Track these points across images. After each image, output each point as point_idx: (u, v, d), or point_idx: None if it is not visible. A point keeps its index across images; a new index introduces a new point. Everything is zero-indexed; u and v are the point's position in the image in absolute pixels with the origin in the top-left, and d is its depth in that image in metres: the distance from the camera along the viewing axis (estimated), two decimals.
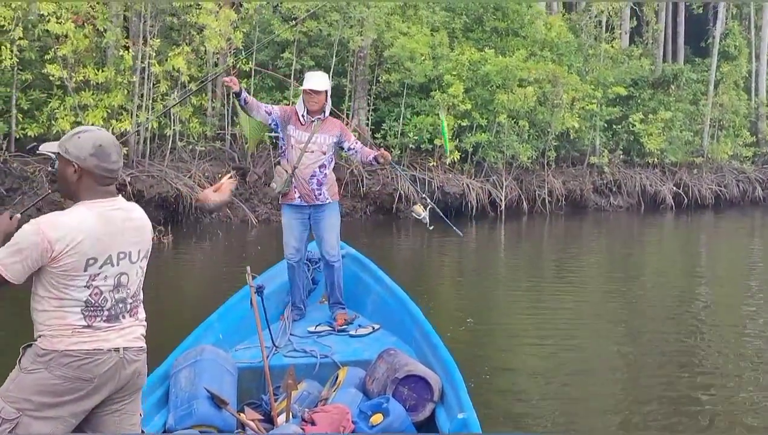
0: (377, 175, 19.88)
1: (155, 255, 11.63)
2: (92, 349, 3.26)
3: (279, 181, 6.45)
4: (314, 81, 6.41)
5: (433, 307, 9.98)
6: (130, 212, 3.41)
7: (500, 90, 21.08)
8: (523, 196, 22.18)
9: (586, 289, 11.91)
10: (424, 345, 5.55)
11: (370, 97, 21.10)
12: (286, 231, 6.60)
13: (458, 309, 10.15)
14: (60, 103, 16.25)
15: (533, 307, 10.34)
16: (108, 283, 3.28)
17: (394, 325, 6.20)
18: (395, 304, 6.37)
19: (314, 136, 6.42)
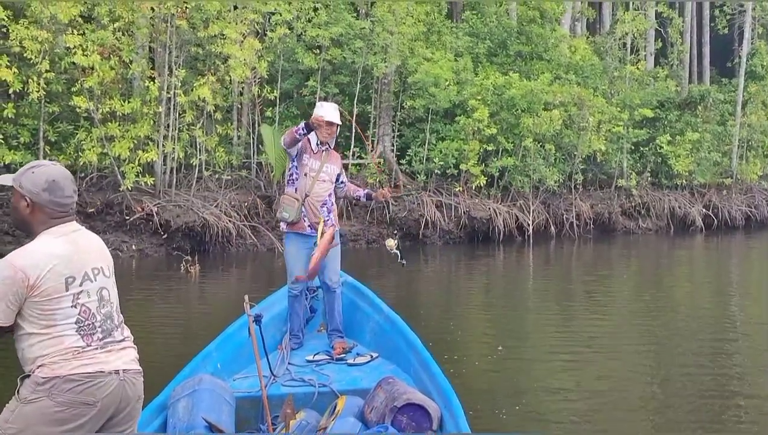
0: (403, 202, 19.79)
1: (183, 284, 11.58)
2: (95, 371, 3.29)
3: (290, 210, 6.47)
4: (333, 115, 6.48)
5: (461, 335, 9.84)
6: (86, 232, 3.53)
7: (526, 114, 20.95)
8: (551, 219, 21.97)
9: (616, 314, 11.73)
10: (423, 373, 5.55)
11: (394, 123, 21.06)
12: (291, 260, 6.59)
13: (487, 335, 9.99)
14: (87, 134, 16.33)
15: (563, 333, 10.16)
16: (92, 298, 3.35)
17: (393, 354, 6.22)
18: (393, 332, 6.38)
19: (324, 165, 6.53)
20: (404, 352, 6.04)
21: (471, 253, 18.84)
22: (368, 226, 19.41)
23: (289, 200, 6.51)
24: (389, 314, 6.63)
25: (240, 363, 6.03)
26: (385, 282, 14.56)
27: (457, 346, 9.20)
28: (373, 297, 7.05)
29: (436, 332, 9.90)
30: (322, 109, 6.53)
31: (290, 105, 20.24)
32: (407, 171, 20.57)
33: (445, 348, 8.94)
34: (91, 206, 16.43)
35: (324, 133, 6.52)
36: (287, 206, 6.50)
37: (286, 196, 6.56)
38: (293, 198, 6.49)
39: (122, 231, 16.66)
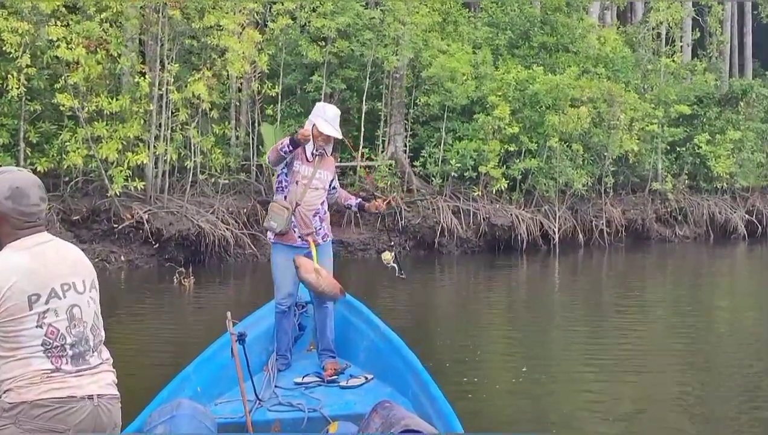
0: (417, 207, 19.75)
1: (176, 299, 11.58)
2: (65, 396, 3.24)
3: (279, 219, 6.48)
4: (332, 127, 6.50)
5: (480, 354, 9.79)
6: (60, 244, 3.48)
7: (551, 111, 20.90)
8: (579, 227, 21.88)
9: (651, 331, 11.68)
10: (423, 396, 5.55)
11: (407, 121, 21.03)
12: (280, 273, 6.60)
13: (510, 355, 9.94)
14: (71, 135, 16.31)
15: (593, 352, 10.11)
16: (60, 318, 3.29)
17: (389, 375, 6.21)
18: (390, 351, 6.38)
19: (317, 171, 6.56)
20: (402, 373, 6.04)
21: (491, 264, 18.79)
22: (378, 234, 19.35)
23: (279, 209, 6.51)
24: (385, 332, 6.63)
25: (222, 386, 6.02)
26: (397, 295, 14.51)
27: (476, 367, 9.14)
28: (368, 313, 7.05)
29: (453, 351, 9.84)
30: (320, 119, 6.51)
31: (293, 102, 20.23)
32: (421, 174, 20.54)
33: (462, 369, 8.88)
34: (75, 213, 16.43)
35: (320, 142, 6.54)
36: (276, 215, 6.50)
37: (275, 204, 6.56)
38: (283, 207, 6.50)
39: (110, 240, 16.64)
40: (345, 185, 19.44)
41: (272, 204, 6.60)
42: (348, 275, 17.29)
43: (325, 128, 6.46)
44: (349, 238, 18.95)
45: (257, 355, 6.58)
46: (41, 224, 3.44)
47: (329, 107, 6.66)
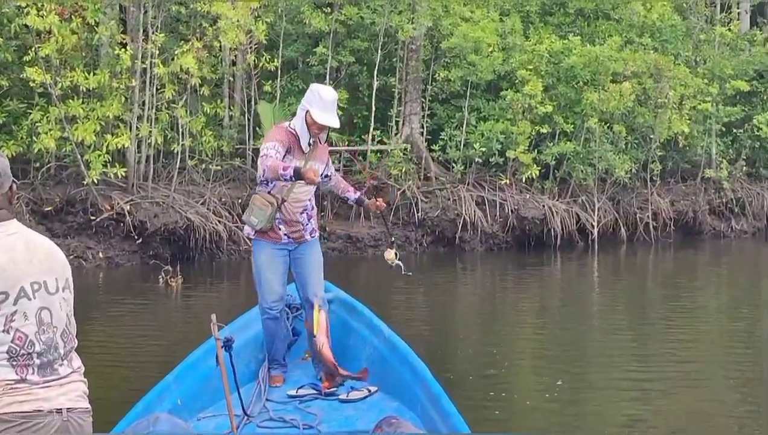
0: (435, 198, 19.71)
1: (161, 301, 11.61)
2: (31, 410, 3.22)
3: (261, 215, 6.49)
4: (329, 117, 6.50)
5: (509, 366, 9.77)
6: (30, 235, 3.44)
7: (589, 87, 20.82)
8: (621, 220, 21.81)
9: (703, 338, 11.68)
10: (433, 411, 5.52)
11: (424, 99, 20.99)
12: (266, 274, 6.61)
13: (542, 366, 9.92)
14: (43, 114, 16.31)
15: (638, 362, 10.12)
16: (30, 322, 3.26)
17: (395, 387, 6.21)
18: (396, 360, 6.37)
19: (308, 163, 6.56)
20: (409, 384, 6.03)
21: (521, 262, 18.78)
22: (391, 228, 19.26)
23: (262, 203, 6.50)
24: (391, 338, 6.61)
25: (205, 399, 6.02)
26: (413, 297, 14.51)
27: (503, 380, 9.12)
28: (370, 316, 7.02)
29: (477, 362, 9.83)
30: (314, 106, 6.49)
31: (294, 77, 20.21)
32: (440, 159, 20.51)
33: (488, 383, 8.86)
34: (48, 204, 16.46)
35: (315, 131, 6.56)
36: (258, 210, 6.50)
37: (259, 197, 6.54)
38: (267, 201, 6.49)
39: (86, 235, 16.67)
40: (354, 172, 19.48)
41: (255, 196, 6.58)
42: (357, 275, 17.33)
43: (322, 118, 6.44)
44: (358, 234, 18.94)
45: (245, 364, 6.59)
46: (10, 212, 3.41)
47: (325, 90, 6.63)
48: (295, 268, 6.71)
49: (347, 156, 20.03)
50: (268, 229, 6.54)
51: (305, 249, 6.71)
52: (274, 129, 6.67)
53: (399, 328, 11.95)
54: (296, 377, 6.68)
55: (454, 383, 8.82)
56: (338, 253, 18.56)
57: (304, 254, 6.70)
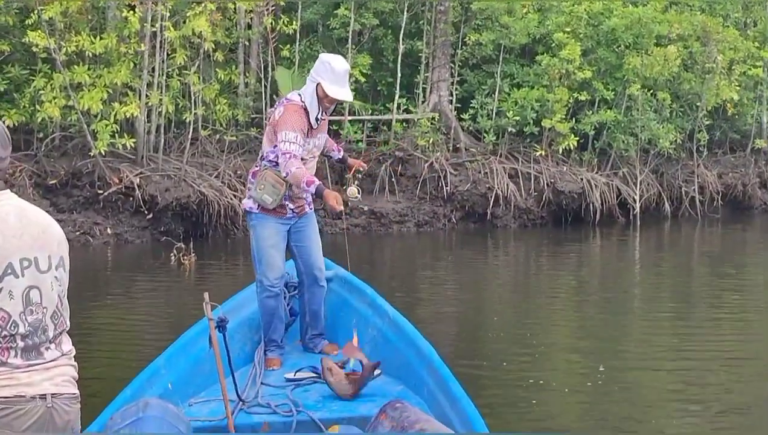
0: (465, 170, 19.62)
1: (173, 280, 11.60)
2: (12, 395, 3.22)
3: (275, 194, 6.60)
4: (346, 88, 6.66)
5: (544, 350, 9.74)
6: (26, 209, 3.41)
7: (631, 51, 20.71)
8: (665, 194, 21.73)
9: (752, 320, 11.58)
10: (440, 395, 5.57)
11: (453, 65, 20.88)
12: (268, 250, 6.71)
13: (582, 351, 9.86)
14: (46, 82, 16.32)
15: (684, 346, 10.06)
16: (15, 301, 3.25)
17: (400, 370, 6.27)
18: (400, 341, 6.42)
19: (316, 138, 6.76)
20: (415, 367, 6.07)
21: (557, 239, 18.77)
22: (418, 203, 19.30)
23: (276, 181, 6.57)
24: (395, 318, 6.65)
25: (198, 383, 6.07)
26: (441, 276, 14.51)
27: (540, 365, 9.07)
28: (373, 295, 7.07)
29: (511, 346, 9.80)
30: (326, 80, 6.54)
31: (314, 41, 20.18)
32: (470, 129, 20.43)
33: (524, 368, 8.82)
34: (52, 177, 16.50)
35: (326, 105, 6.69)
36: (272, 188, 6.59)
37: (272, 174, 6.59)
38: (280, 181, 6.56)
39: (94, 209, 16.72)
40: (379, 143, 19.43)
41: (267, 173, 6.61)
42: (382, 252, 17.34)
43: (335, 92, 6.52)
44: (382, 208, 18.90)
45: (240, 346, 6.67)
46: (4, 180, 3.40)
47: (337, 61, 6.65)
48: (296, 242, 6.82)
49: (371, 126, 19.98)
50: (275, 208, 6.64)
51: (306, 221, 6.85)
52: (290, 108, 6.59)
53: (426, 308, 12.06)
54: (294, 360, 6.74)
55: (485, 369, 8.79)
56: (361, 230, 18.54)
57: (306, 227, 6.84)
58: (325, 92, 6.50)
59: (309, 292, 6.93)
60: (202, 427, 5.46)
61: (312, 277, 6.87)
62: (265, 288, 6.68)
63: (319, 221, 17.91)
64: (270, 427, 5.37)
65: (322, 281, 6.93)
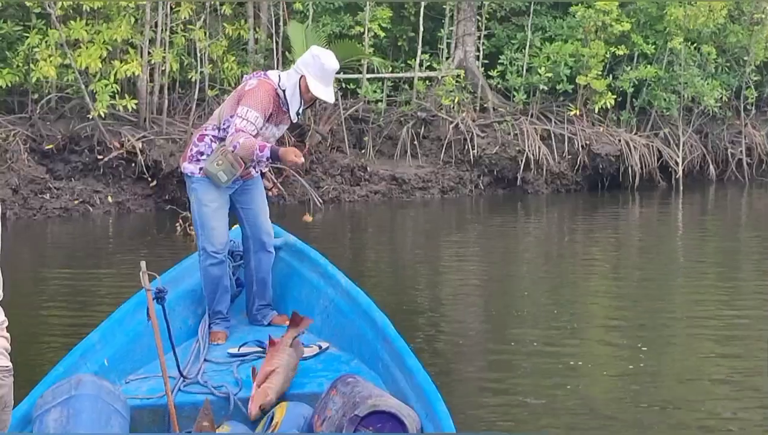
0: (493, 132, 19.50)
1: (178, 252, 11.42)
2: None
3: (231, 174, 6.59)
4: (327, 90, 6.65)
5: (580, 327, 9.61)
6: None
7: (673, 2, 20.59)
8: (710, 156, 21.73)
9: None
10: (395, 369, 5.63)
11: (480, 18, 20.83)
12: (212, 214, 6.73)
13: (620, 329, 9.71)
14: (41, 38, 16.29)
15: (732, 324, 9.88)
16: None
17: (353, 343, 6.32)
18: (353, 313, 6.42)
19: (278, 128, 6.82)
20: (369, 340, 6.09)
21: (593, 206, 18.72)
22: (443, 168, 19.22)
23: (234, 162, 6.55)
24: (348, 288, 6.64)
25: (136, 359, 6.08)
26: (466, 246, 14.39)
27: (574, 344, 8.93)
28: (325, 264, 7.05)
29: (542, 324, 9.69)
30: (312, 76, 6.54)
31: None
32: (499, 87, 20.36)
33: (556, 350, 8.69)
34: (48, 141, 16.46)
35: (307, 100, 6.72)
36: (230, 168, 6.56)
37: (231, 154, 6.54)
38: (239, 161, 6.56)
39: (93, 176, 16.69)
40: (400, 103, 19.33)
41: (226, 152, 6.55)
42: (403, 220, 17.27)
43: (318, 90, 6.55)
44: (404, 174, 18.83)
45: (182, 319, 6.69)
46: None
47: (327, 58, 6.64)
48: (242, 205, 6.87)
49: (391, 85, 19.85)
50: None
51: (252, 185, 6.90)
52: (261, 88, 6.57)
53: (451, 280, 11.91)
54: (240, 334, 6.74)
55: (514, 351, 8.65)
56: (381, 197, 18.48)
57: (252, 191, 6.88)
58: (308, 88, 6.52)
59: (256, 259, 6.95)
60: (140, 405, 5.47)
61: (259, 243, 6.91)
62: (209, 255, 6.68)
63: (336, 189, 17.99)
64: (212, 405, 5.38)
65: (270, 247, 6.97)
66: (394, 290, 11.36)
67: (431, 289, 11.60)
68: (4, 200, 15.16)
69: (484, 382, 7.80)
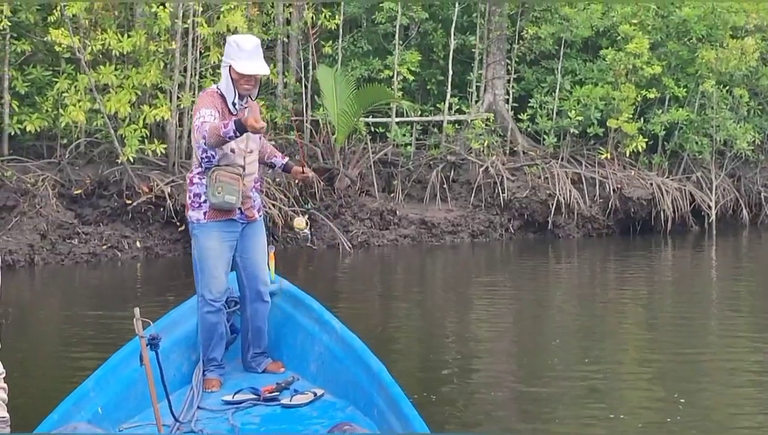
0: (524, 175, 19.45)
1: None
2: None
3: (235, 191, 6.58)
4: (257, 61, 6.63)
5: (614, 377, 9.48)
6: None
7: (704, 44, 20.59)
8: (743, 200, 21.65)
9: None
10: (391, 415, 5.61)
11: (510, 61, 20.88)
12: (211, 260, 6.69)
13: (655, 377, 9.53)
14: (71, 83, 16.36)
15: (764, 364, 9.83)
16: None
17: (348, 390, 6.32)
18: (349, 359, 6.43)
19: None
20: (365, 387, 6.10)
21: (625, 250, 18.60)
22: (472, 211, 19.16)
23: (230, 177, 6.56)
24: (344, 334, 6.63)
25: (130, 406, 6.08)
26: (497, 290, 14.29)
27: (606, 395, 8.84)
28: (320, 310, 7.05)
29: (575, 372, 9.53)
30: (237, 54, 6.59)
31: (358, 37, 20.17)
32: (529, 130, 20.36)
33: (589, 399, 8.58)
34: (77, 186, 16.47)
35: (245, 87, 6.65)
36: (228, 185, 6.54)
37: (223, 171, 6.56)
38: (233, 173, 6.57)
39: (122, 221, 16.68)
40: (429, 147, 19.35)
41: (218, 172, 6.56)
42: (433, 265, 17.17)
43: (246, 67, 6.54)
44: (433, 218, 18.78)
45: (176, 366, 6.70)
46: None
47: (243, 39, 6.75)
48: (241, 253, 6.80)
49: (420, 128, 19.85)
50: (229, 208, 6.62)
51: (253, 229, 6.85)
52: (203, 95, 6.80)
53: (481, 326, 11.81)
54: (234, 381, 6.76)
55: (547, 399, 8.52)
56: (411, 241, 18.42)
57: (252, 237, 6.83)
58: (237, 72, 6.53)
59: (252, 308, 6.92)
60: None
61: (255, 292, 6.87)
62: (207, 302, 6.67)
63: (365, 233, 17.95)
64: None
65: (266, 297, 6.92)
66: (424, 336, 11.32)
67: (461, 335, 11.50)
68: (32, 245, 15.20)
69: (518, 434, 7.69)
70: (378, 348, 6.84)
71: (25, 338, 10.92)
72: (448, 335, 11.56)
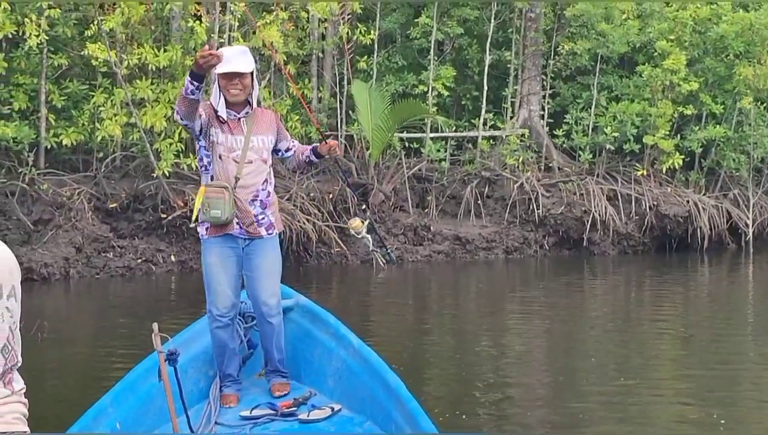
0: (559, 192, 19.39)
1: None
2: None
3: (221, 205, 6.43)
4: (236, 61, 6.41)
5: (649, 396, 9.39)
6: None
7: (742, 60, 20.49)
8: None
9: None
10: (409, 430, 5.59)
11: (545, 77, 20.86)
12: (215, 276, 6.59)
13: (693, 398, 9.44)
14: (107, 97, 16.46)
15: None
16: None
17: (365, 404, 6.27)
18: (366, 374, 6.37)
19: (251, 137, 6.55)
20: (382, 401, 6.04)
21: (661, 267, 18.48)
22: (507, 228, 19.11)
23: (215, 191, 6.43)
24: (361, 349, 6.57)
25: (148, 422, 6.06)
26: (531, 307, 14.25)
27: (644, 416, 8.76)
28: (337, 325, 6.96)
29: (610, 391, 9.45)
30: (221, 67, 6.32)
31: (393, 52, 20.20)
32: (564, 147, 20.30)
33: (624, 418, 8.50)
34: (113, 200, 16.55)
35: (232, 92, 6.45)
36: (214, 201, 6.41)
37: (207, 187, 6.48)
38: (219, 187, 6.44)
39: (157, 235, 16.74)
40: (463, 162, 19.34)
41: (203, 188, 6.50)
42: (467, 281, 17.11)
43: (224, 67, 6.25)
44: (467, 234, 18.75)
45: (194, 381, 6.66)
46: None
47: (231, 47, 6.80)
48: (246, 271, 6.66)
49: (454, 144, 19.85)
50: (230, 222, 6.48)
51: (258, 247, 6.63)
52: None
53: (515, 343, 11.76)
54: (252, 396, 6.72)
55: (581, 422, 8.44)
56: (444, 257, 18.40)
57: (257, 254, 6.63)
58: (218, 74, 6.33)
59: (260, 327, 6.86)
60: None
61: (258, 313, 6.76)
62: (214, 318, 6.59)
63: (399, 248, 17.92)
64: None
65: (269, 317, 6.73)
66: (457, 352, 11.25)
67: (494, 352, 11.44)
68: (67, 259, 15.28)
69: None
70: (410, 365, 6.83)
71: (58, 350, 10.97)
72: (481, 352, 11.51)
